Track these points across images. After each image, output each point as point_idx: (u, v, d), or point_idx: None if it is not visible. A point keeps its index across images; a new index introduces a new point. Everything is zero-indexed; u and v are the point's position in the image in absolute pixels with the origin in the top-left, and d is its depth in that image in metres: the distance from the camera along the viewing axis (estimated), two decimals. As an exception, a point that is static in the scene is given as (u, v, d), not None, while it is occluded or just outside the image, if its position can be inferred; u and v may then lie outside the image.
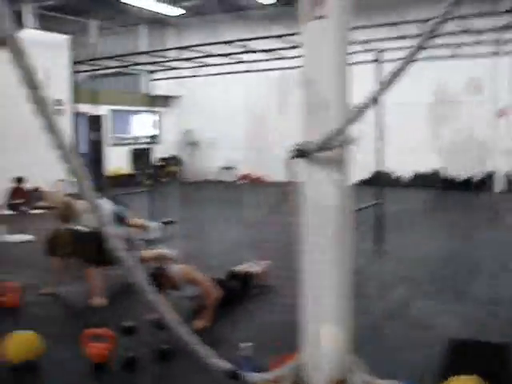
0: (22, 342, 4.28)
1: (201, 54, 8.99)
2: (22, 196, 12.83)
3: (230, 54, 8.86)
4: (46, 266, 6.58)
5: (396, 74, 2.69)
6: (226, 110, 18.59)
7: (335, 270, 3.18)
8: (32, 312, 5.65)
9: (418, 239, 8.85)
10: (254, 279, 6.08)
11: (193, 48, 9.12)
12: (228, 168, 19.33)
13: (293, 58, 8.33)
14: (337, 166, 3.14)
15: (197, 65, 10.10)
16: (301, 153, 3.11)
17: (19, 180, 12.83)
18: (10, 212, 12.49)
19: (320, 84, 3.16)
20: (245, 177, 18.88)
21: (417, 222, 10.26)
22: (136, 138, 19.17)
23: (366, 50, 7.43)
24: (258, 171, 18.41)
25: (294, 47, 7.64)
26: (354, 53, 7.94)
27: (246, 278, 6.01)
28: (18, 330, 4.48)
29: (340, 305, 3.20)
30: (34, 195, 13.09)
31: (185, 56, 9.76)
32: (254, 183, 17.96)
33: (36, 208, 12.78)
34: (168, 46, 14.89)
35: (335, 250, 3.16)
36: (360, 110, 2.89)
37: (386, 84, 2.76)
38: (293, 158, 3.11)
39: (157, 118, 13.50)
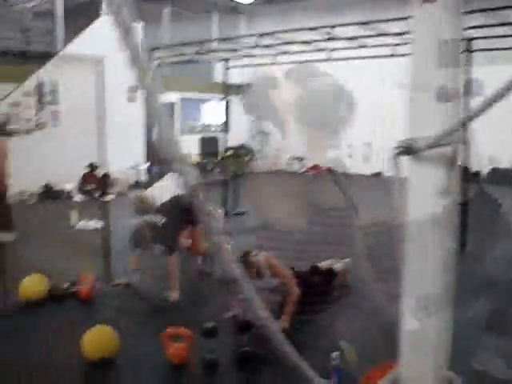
0: (99, 339, 4.16)
1: (279, 42, 8.68)
2: (94, 182, 12.90)
3: (310, 42, 8.51)
4: (117, 255, 6.50)
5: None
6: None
7: (439, 278, 2.89)
8: (106, 304, 5.57)
9: (501, 240, 8.34)
10: (338, 277, 5.75)
11: (270, 35, 8.83)
12: (297, 158, 18.99)
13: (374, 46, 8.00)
14: (447, 164, 2.85)
15: (272, 52, 9.83)
16: (408, 150, 2.82)
17: (92, 166, 12.90)
18: (82, 198, 12.60)
19: (431, 76, 2.86)
20: (313, 168, 18.48)
21: (498, 222, 9.71)
22: (206, 126, 19.09)
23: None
24: (327, 162, 18.00)
25: (380, 35, 7.27)
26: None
27: (330, 275, 5.64)
28: (93, 323, 4.37)
29: (444, 314, 2.91)
30: (106, 181, 13.14)
31: (262, 43, 9.48)
32: (322, 174, 17.55)
33: (107, 194, 12.84)
34: (240, 34, 14.65)
35: (440, 257, 2.87)
36: (484, 105, 2.57)
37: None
38: (399, 154, 2.83)
39: (227, 105, 13.38)
